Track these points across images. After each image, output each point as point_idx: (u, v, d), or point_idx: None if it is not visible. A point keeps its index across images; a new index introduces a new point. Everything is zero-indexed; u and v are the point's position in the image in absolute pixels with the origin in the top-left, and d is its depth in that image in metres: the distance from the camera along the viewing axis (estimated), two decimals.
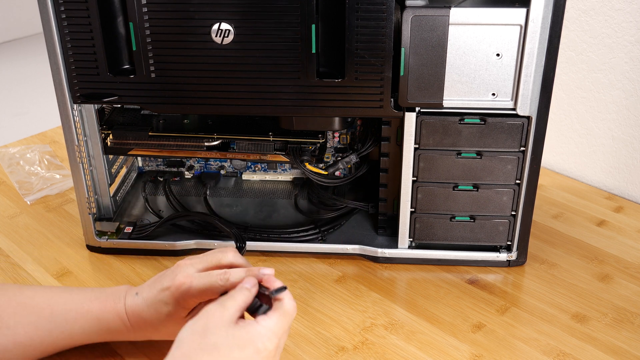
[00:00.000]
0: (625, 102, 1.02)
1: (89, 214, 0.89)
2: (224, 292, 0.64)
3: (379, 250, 0.88)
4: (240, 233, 0.87)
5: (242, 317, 0.62)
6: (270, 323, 0.60)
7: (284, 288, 0.63)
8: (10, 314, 0.67)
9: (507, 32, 0.74)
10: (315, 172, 0.89)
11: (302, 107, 0.78)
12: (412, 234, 0.87)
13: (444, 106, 0.78)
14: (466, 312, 0.81)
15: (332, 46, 0.76)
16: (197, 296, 0.65)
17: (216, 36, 0.75)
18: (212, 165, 1.04)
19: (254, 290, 0.62)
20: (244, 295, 0.61)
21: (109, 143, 0.89)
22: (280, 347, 0.61)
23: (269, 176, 1.04)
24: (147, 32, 0.75)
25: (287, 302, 0.62)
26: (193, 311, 0.67)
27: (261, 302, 0.63)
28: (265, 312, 0.62)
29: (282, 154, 0.88)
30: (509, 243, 0.87)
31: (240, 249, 0.84)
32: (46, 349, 0.69)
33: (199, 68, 0.77)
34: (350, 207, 0.93)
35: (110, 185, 0.92)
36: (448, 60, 0.75)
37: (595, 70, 1.04)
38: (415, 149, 0.81)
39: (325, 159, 0.98)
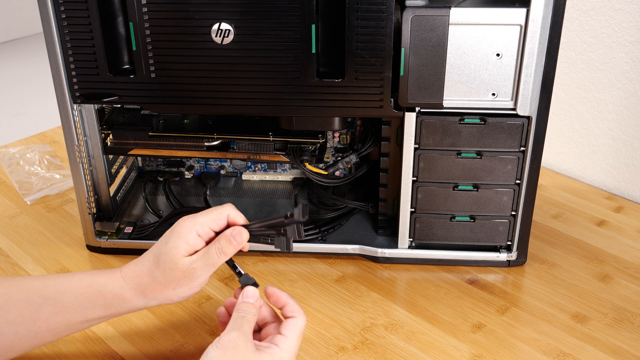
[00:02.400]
0: (625, 102, 1.02)
1: (89, 214, 0.89)
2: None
3: (379, 250, 0.88)
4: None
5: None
6: (290, 346, 0.65)
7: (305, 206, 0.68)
8: (1, 293, 0.67)
9: (507, 32, 0.74)
10: (315, 172, 0.89)
11: (302, 107, 0.78)
12: (412, 234, 0.87)
13: (444, 106, 0.78)
14: (466, 312, 0.81)
15: (332, 46, 0.76)
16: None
17: (216, 36, 0.75)
18: (212, 165, 1.04)
19: (259, 303, 0.67)
20: (254, 313, 0.66)
21: (109, 143, 0.89)
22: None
23: (269, 176, 1.04)
24: (147, 32, 0.75)
25: (301, 320, 0.67)
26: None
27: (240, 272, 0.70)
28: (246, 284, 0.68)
29: (282, 154, 0.88)
30: (509, 243, 0.87)
31: None
32: (39, 330, 0.67)
33: (199, 68, 0.77)
34: (350, 207, 0.93)
35: (110, 185, 0.92)
36: (448, 60, 0.75)
37: (595, 70, 1.04)
38: (415, 149, 0.81)
39: (325, 159, 0.98)
